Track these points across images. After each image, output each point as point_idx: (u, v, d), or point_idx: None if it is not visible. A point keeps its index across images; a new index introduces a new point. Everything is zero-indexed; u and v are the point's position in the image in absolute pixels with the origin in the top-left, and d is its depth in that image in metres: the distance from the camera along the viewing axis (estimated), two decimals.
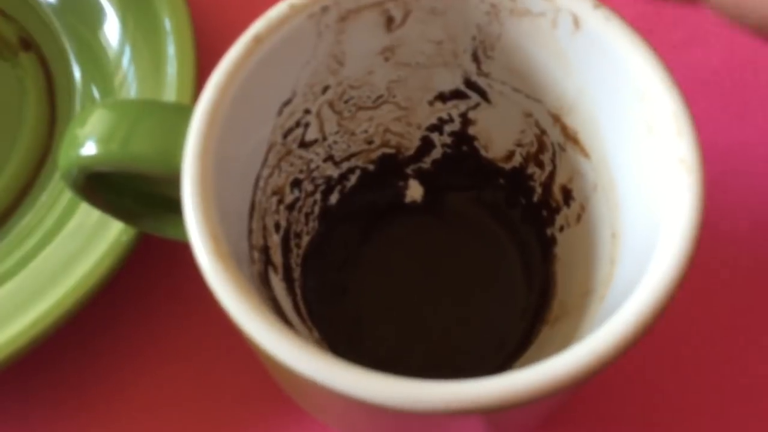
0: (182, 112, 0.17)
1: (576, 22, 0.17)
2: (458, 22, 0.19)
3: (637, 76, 0.16)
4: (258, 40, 0.17)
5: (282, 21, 0.17)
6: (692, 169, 0.15)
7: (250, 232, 0.19)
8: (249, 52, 0.17)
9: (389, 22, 0.18)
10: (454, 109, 0.21)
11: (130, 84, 0.24)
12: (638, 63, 0.16)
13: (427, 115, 0.22)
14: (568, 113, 0.19)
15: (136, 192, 0.20)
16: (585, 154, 0.19)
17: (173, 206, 0.18)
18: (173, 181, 0.17)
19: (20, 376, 0.24)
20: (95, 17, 0.26)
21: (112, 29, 0.26)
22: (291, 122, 0.19)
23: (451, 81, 0.20)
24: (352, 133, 0.21)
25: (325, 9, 0.17)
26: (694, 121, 0.16)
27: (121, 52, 0.25)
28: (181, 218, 0.16)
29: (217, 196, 0.16)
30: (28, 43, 0.27)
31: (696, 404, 0.23)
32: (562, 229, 0.21)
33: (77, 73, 0.26)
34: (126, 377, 0.24)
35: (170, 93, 0.23)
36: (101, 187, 0.19)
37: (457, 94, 0.21)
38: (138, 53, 0.25)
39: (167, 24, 0.24)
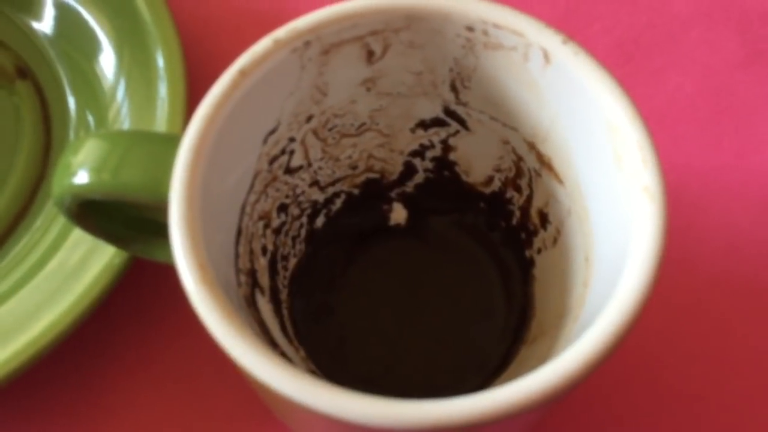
0: (172, 143, 0.18)
1: (546, 56, 0.18)
2: (436, 54, 0.19)
3: (604, 107, 0.17)
4: (243, 73, 0.18)
5: (266, 55, 0.18)
6: (655, 197, 0.16)
7: (237, 256, 0.19)
8: (234, 85, 0.17)
9: (370, 55, 0.19)
10: (435, 135, 0.22)
11: (124, 114, 0.25)
12: (605, 95, 0.17)
13: (409, 142, 0.22)
14: (542, 141, 0.20)
15: (127, 217, 0.21)
16: (559, 180, 0.20)
17: (163, 231, 0.19)
18: (163, 208, 0.17)
19: (13, 399, 0.24)
20: (90, 47, 0.27)
21: (107, 60, 0.26)
22: (276, 150, 0.20)
23: (431, 109, 0.21)
24: (337, 159, 0.22)
25: (307, 43, 0.18)
26: (659, 151, 0.17)
27: (116, 83, 0.26)
28: (170, 243, 0.16)
29: (204, 223, 0.16)
30: (24, 72, 0.28)
31: (670, 410, 0.24)
32: (539, 251, 0.22)
33: (72, 102, 0.27)
34: (117, 398, 0.24)
35: (162, 123, 0.24)
36: (93, 213, 0.20)
37: (437, 122, 0.22)
38: (132, 84, 0.25)
39: (159, 56, 0.24)
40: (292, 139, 0.20)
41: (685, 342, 0.25)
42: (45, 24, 0.28)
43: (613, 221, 0.17)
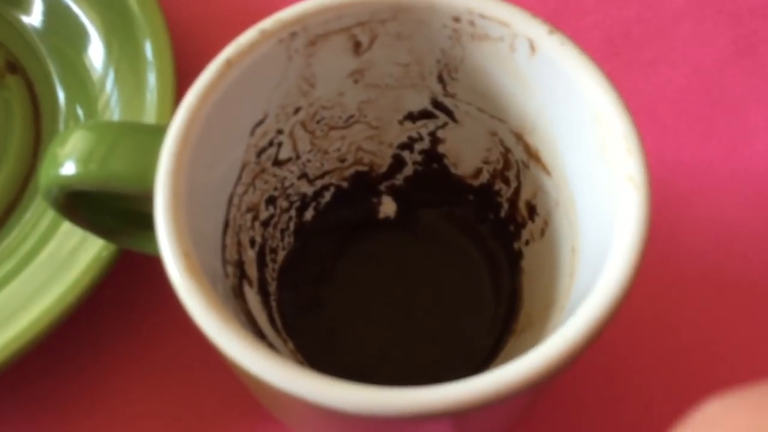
0: (159, 133, 0.18)
1: (532, 46, 0.18)
2: (423, 46, 0.19)
3: (590, 98, 0.17)
4: (229, 63, 0.18)
5: (252, 46, 0.18)
6: (640, 186, 0.16)
7: (224, 247, 0.19)
8: (220, 75, 0.17)
9: (357, 46, 0.19)
10: (424, 128, 0.22)
11: (113, 107, 0.25)
12: (591, 86, 0.17)
13: (397, 134, 0.22)
14: (529, 132, 0.20)
15: (115, 209, 0.21)
16: (546, 171, 0.20)
17: (151, 223, 0.19)
18: (150, 199, 0.17)
19: (2, 390, 0.24)
20: (80, 40, 0.27)
21: (96, 53, 0.26)
22: (264, 142, 0.20)
23: (419, 101, 0.21)
24: (325, 152, 0.22)
25: (293, 34, 0.18)
26: (644, 142, 0.17)
27: (105, 75, 0.26)
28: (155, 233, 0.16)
29: (189, 213, 0.16)
30: (14, 66, 0.28)
31: (659, 404, 0.24)
32: (527, 243, 0.22)
33: (62, 95, 0.27)
34: (106, 390, 0.24)
35: (151, 115, 0.24)
36: (81, 204, 0.20)
37: (425, 114, 0.22)
38: (121, 76, 0.25)
39: (148, 48, 0.24)
40: (280, 131, 0.20)
41: (672, 334, 0.25)
42: (34, 18, 0.28)
43: (599, 211, 0.17)
